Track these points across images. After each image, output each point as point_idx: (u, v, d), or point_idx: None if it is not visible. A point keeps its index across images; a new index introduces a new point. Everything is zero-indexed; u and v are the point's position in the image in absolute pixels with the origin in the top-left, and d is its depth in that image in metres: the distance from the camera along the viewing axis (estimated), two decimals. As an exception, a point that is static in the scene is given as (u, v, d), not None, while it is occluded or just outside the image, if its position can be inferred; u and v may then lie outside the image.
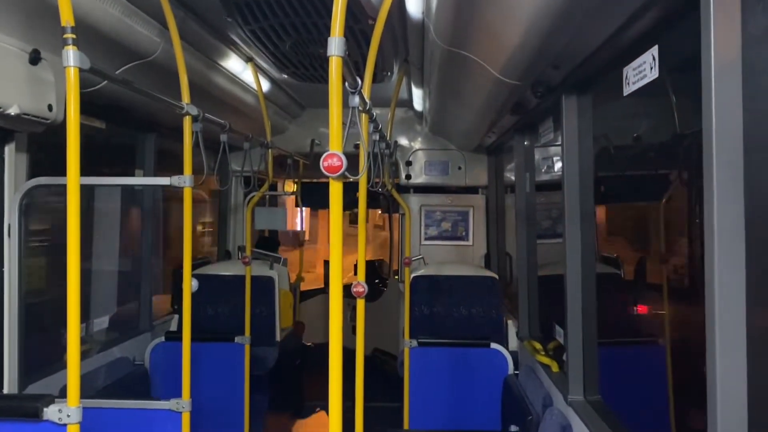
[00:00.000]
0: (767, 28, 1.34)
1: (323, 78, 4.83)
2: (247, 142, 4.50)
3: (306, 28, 3.53)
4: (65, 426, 2.11)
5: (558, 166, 5.60)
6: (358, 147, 2.43)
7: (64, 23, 2.02)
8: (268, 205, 7.43)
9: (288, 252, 9.43)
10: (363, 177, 2.58)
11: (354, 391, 2.56)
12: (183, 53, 3.06)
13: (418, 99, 5.31)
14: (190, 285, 3.12)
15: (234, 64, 4.19)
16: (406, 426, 4.43)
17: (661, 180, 5.45)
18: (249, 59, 4.30)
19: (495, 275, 5.38)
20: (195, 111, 3.11)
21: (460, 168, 6.16)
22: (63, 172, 2.04)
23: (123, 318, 4.59)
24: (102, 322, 4.32)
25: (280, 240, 7.97)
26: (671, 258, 4.96)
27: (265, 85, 4.85)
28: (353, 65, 1.90)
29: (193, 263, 3.63)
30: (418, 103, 5.49)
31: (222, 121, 3.65)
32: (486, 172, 6.15)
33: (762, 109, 1.37)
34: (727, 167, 1.40)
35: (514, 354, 4.42)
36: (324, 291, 7.93)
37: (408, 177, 6.20)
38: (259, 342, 4.88)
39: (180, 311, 4.92)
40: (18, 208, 2.92)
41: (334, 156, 1.55)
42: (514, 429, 3.51)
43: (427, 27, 2.89)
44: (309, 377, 6.47)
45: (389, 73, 4.62)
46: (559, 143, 3.11)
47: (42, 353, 3.36)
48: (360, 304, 2.59)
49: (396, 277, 7.16)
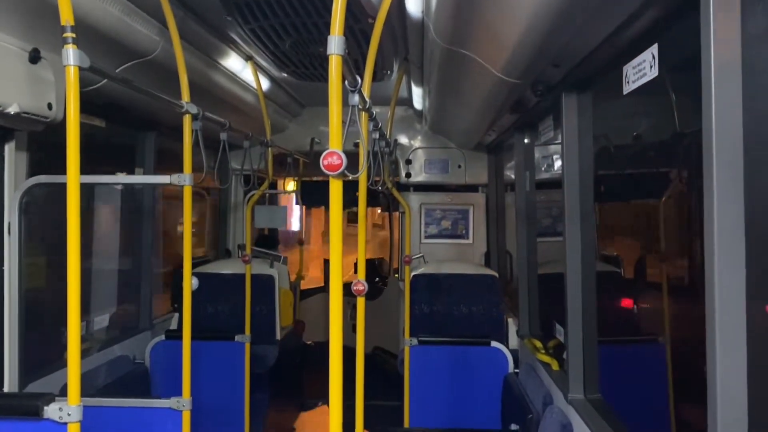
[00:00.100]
0: (767, 27, 1.34)
1: (323, 77, 4.83)
2: (247, 140, 4.50)
3: (306, 26, 3.52)
4: (66, 424, 2.11)
5: (558, 164, 5.60)
6: (357, 145, 2.43)
7: (63, 22, 2.02)
8: (268, 204, 7.43)
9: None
10: (363, 175, 2.58)
11: (354, 390, 2.56)
12: (183, 52, 3.06)
13: (417, 97, 5.31)
14: (190, 283, 3.12)
15: (234, 62, 4.18)
16: (406, 424, 4.43)
17: (661, 178, 5.45)
18: (249, 58, 4.30)
19: (495, 273, 5.38)
20: (195, 109, 3.11)
21: (460, 166, 6.16)
22: (63, 170, 2.04)
23: (123, 316, 4.59)
24: (102, 320, 4.32)
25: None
26: (670, 257, 4.96)
27: (265, 84, 4.85)
28: (353, 64, 1.90)
29: (193, 262, 3.63)
30: (417, 102, 5.48)
31: (222, 120, 3.65)
32: (486, 170, 6.15)
33: (762, 109, 1.37)
34: (727, 166, 1.40)
35: (514, 352, 4.42)
36: (324, 289, 7.94)
37: (408, 175, 6.19)
38: (260, 340, 4.88)
39: (180, 310, 4.92)
40: (18, 206, 2.92)
41: (334, 154, 1.55)
42: (514, 427, 3.52)
43: (427, 26, 2.89)
44: (309, 376, 6.47)
45: (389, 72, 4.62)
46: (559, 142, 3.11)
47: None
48: (360, 302, 2.59)
49: (396, 276, 7.16)
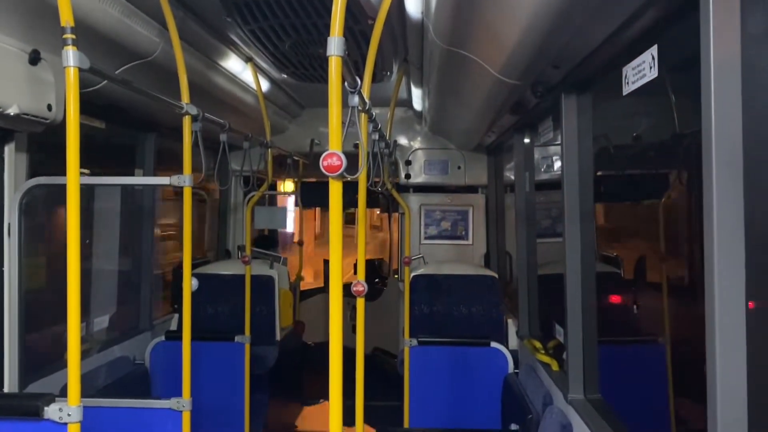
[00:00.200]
0: (767, 27, 1.34)
1: (323, 78, 4.83)
2: (247, 141, 4.50)
3: (305, 28, 3.52)
4: (66, 425, 2.11)
5: (557, 165, 5.60)
6: (357, 146, 2.43)
7: (63, 23, 2.02)
8: (267, 205, 7.43)
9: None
10: (362, 176, 2.58)
11: (354, 390, 2.56)
12: (182, 53, 3.06)
13: (417, 98, 5.31)
14: (190, 284, 3.12)
15: (233, 64, 4.19)
16: (406, 425, 4.43)
17: (661, 179, 5.46)
18: (248, 59, 4.30)
19: (495, 274, 5.38)
20: (194, 111, 3.11)
21: (459, 167, 6.16)
22: (63, 171, 2.04)
23: (123, 317, 4.59)
24: (102, 321, 4.32)
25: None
26: (670, 257, 4.97)
27: (265, 85, 4.85)
28: (353, 65, 1.90)
29: (193, 263, 3.63)
30: (417, 103, 5.48)
31: (222, 121, 3.65)
32: (486, 171, 6.15)
33: (761, 109, 1.37)
34: (727, 166, 1.40)
35: (514, 353, 4.42)
36: (324, 290, 7.93)
37: (407, 176, 6.19)
38: (259, 341, 4.88)
39: (180, 310, 4.92)
40: (18, 207, 2.92)
41: (333, 155, 1.55)
42: (514, 428, 3.52)
43: (427, 27, 2.89)
44: (309, 376, 6.47)
45: (389, 73, 4.62)
46: (559, 142, 3.11)
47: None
48: (360, 303, 2.59)
49: (396, 277, 7.16)
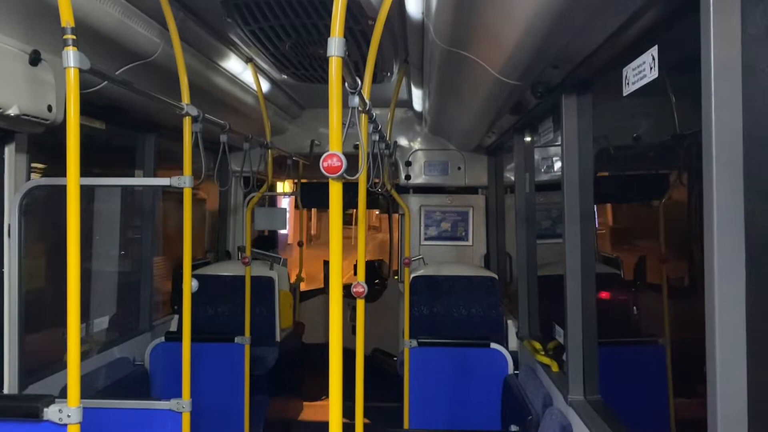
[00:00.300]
0: (767, 28, 1.34)
1: (323, 78, 4.84)
2: (247, 142, 4.50)
3: (306, 28, 3.53)
4: (65, 426, 2.11)
5: (557, 165, 5.60)
6: (357, 147, 2.43)
7: (64, 24, 2.02)
8: (267, 206, 7.43)
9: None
10: (362, 177, 2.58)
11: (354, 391, 2.56)
12: (183, 54, 3.06)
13: (417, 99, 5.31)
14: (190, 285, 3.12)
15: (234, 64, 4.19)
16: (406, 426, 4.43)
17: (661, 179, 5.46)
18: (249, 60, 4.30)
19: (495, 275, 5.38)
20: (195, 111, 3.11)
21: (459, 168, 6.16)
22: (63, 172, 2.04)
23: (123, 318, 4.59)
24: (102, 322, 4.32)
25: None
26: (670, 258, 4.97)
27: (265, 86, 4.85)
28: (353, 66, 1.90)
29: (193, 264, 3.63)
30: (417, 104, 5.49)
31: (222, 122, 3.65)
32: (486, 172, 6.15)
33: (762, 109, 1.37)
34: (727, 167, 1.40)
35: (513, 354, 4.42)
36: (324, 291, 7.93)
37: (407, 177, 6.19)
38: (259, 342, 4.88)
39: (180, 311, 4.92)
40: (18, 208, 2.92)
41: (333, 156, 1.55)
42: (514, 429, 3.52)
43: (427, 27, 2.89)
44: (309, 377, 6.47)
45: (389, 74, 4.62)
46: (559, 143, 3.11)
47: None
48: (360, 304, 2.59)
49: (396, 278, 7.16)
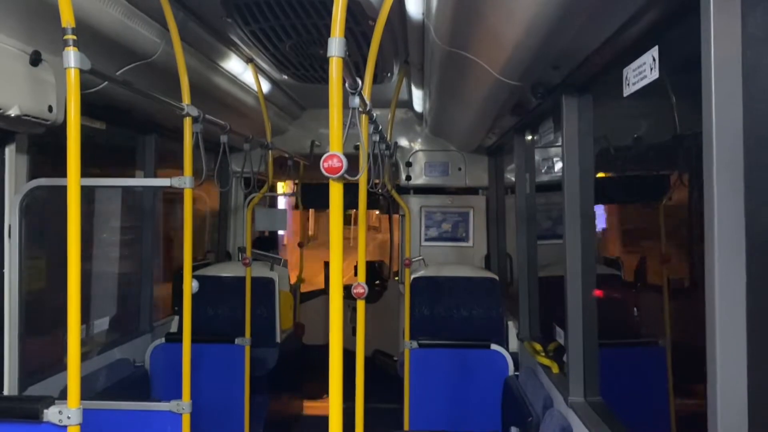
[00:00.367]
0: (767, 28, 1.34)
1: (323, 79, 4.84)
2: (248, 143, 4.50)
3: (306, 29, 3.53)
4: (65, 427, 2.11)
5: (558, 166, 5.60)
6: (358, 148, 2.43)
7: (64, 24, 2.02)
8: (268, 206, 7.43)
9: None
10: (363, 178, 2.58)
11: (354, 392, 2.56)
12: (183, 54, 3.06)
13: (418, 100, 5.31)
14: (190, 286, 3.12)
15: (234, 65, 4.19)
16: (406, 427, 4.43)
17: (661, 180, 5.46)
18: (249, 60, 4.30)
19: (495, 276, 5.38)
20: (195, 112, 3.11)
21: (460, 169, 6.16)
22: (63, 173, 2.04)
23: (123, 319, 4.59)
24: (102, 323, 4.32)
25: None
26: (671, 258, 4.96)
27: (266, 86, 4.85)
28: (353, 66, 1.90)
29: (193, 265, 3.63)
30: (418, 104, 5.49)
31: (222, 122, 3.65)
32: (486, 172, 6.15)
33: (762, 110, 1.37)
34: (727, 167, 1.40)
35: (514, 355, 4.42)
36: (324, 292, 7.93)
37: (408, 178, 6.19)
38: (260, 343, 4.88)
39: (180, 312, 4.92)
40: (18, 209, 2.92)
41: (334, 157, 1.55)
42: (514, 430, 3.51)
43: (427, 28, 2.89)
44: (309, 378, 6.47)
45: (389, 74, 4.62)
46: (560, 144, 3.11)
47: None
48: (360, 305, 2.59)
49: (396, 279, 7.16)
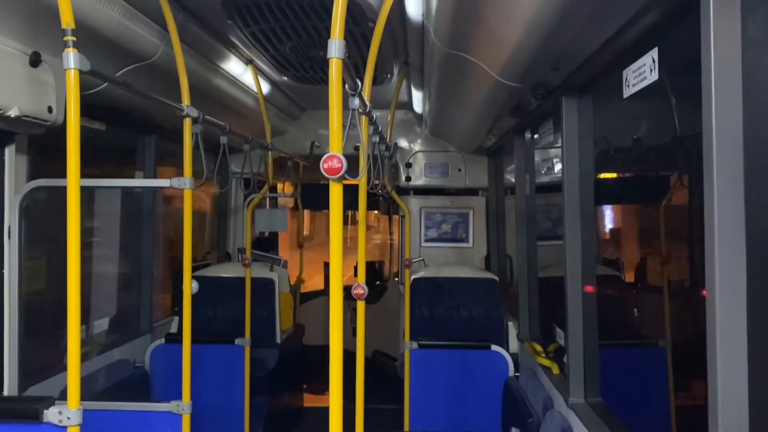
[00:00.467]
0: (767, 30, 1.34)
1: (323, 80, 4.84)
2: (247, 144, 4.50)
3: (306, 30, 3.53)
4: (65, 428, 2.11)
5: (558, 167, 5.60)
6: (358, 149, 2.43)
7: (64, 25, 2.02)
8: (267, 207, 7.43)
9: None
10: (363, 179, 2.58)
11: (354, 393, 2.56)
12: (183, 55, 3.06)
13: (417, 101, 5.31)
14: (190, 287, 3.12)
15: (234, 66, 4.19)
16: (406, 428, 4.43)
17: (661, 181, 5.46)
18: (249, 61, 4.30)
19: (495, 277, 5.38)
20: (195, 113, 3.12)
21: (460, 170, 6.16)
22: (63, 174, 2.04)
23: (123, 320, 4.59)
24: (102, 324, 4.32)
25: None
26: (671, 259, 4.97)
27: (265, 87, 4.85)
28: (353, 67, 1.90)
29: (193, 266, 3.63)
30: (417, 106, 5.49)
31: (222, 123, 3.65)
32: (486, 173, 6.15)
33: (762, 111, 1.37)
34: (727, 168, 1.40)
35: (514, 356, 4.42)
36: (324, 293, 7.93)
37: (408, 179, 6.19)
38: (260, 344, 4.88)
39: (180, 313, 4.92)
40: (18, 210, 2.92)
41: (334, 158, 1.55)
42: (514, 431, 3.51)
43: (427, 29, 2.89)
44: (309, 379, 6.47)
45: (389, 76, 4.63)
46: (560, 145, 3.11)
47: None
48: (360, 306, 2.59)
49: (396, 279, 7.16)
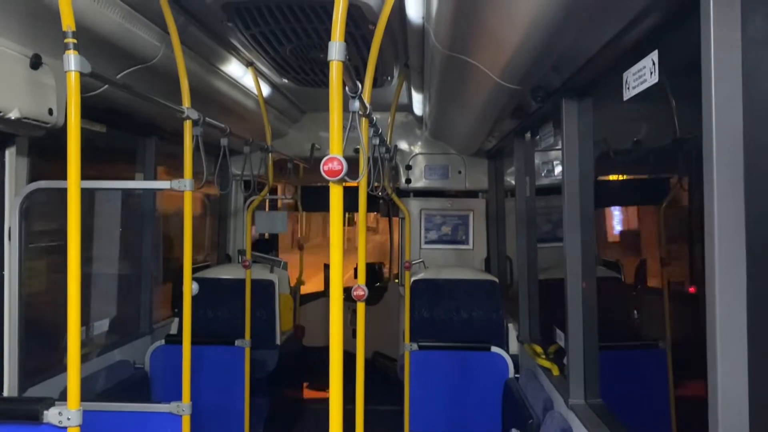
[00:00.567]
0: (767, 32, 1.34)
1: (323, 82, 4.84)
2: (248, 146, 4.51)
3: (306, 33, 3.53)
4: (65, 429, 2.11)
5: (558, 169, 5.60)
6: (358, 151, 2.43)
7: (65, 28, 2.02)
8: (267, 209, 7.44)
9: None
10: (363, 181, 2.58)
11: (354, 394, 2.56)
12: (183, 58, 3.06)
13: (418, 103, 5.32)
14: (190, 288, 3.12)
15: (234, 68, 4.19)
16: (406, 429, 4.43)
17: (661, 183, 5.46)
18: (249, 64, 4.31)
19: (495, 279, 5.38)
20: (195, 115, 3.12)
21: (460, 172, 6.16)
22: (63, 175, 2.04)
23: (123, 321, 4.59)
24: (102, 325, 4.32)
25: None
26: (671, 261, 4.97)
27: (266, 90, 4.85)
28: (353, 70, 1.91)
29: (193, 267, 3.64)
30: (418, 108, 5.49)
31: (222, 125, 3.65)
32: (486, 176, 6.15)
33: (762, 113, 1.37)
34: (727, 170, 1.41)
35: (514, 357, 4.42)
36: (324, 294, 7.93)
37: (408, 181, 6.20)
38: (260, 345, 4.88)
39: (180, 314, 4.92)
40: (18, 211, 2.93)
41: (334, 160, 1.56)
42: (514, 432, 3.51)
43: (428, 32, 2.90)
44: (309, 380, 6.46)
45: (389, 78, 4.63)
46: (560, 147, 3.12)
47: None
48: (360, 307, 2.59)
49: (396, 281, 7.16)
